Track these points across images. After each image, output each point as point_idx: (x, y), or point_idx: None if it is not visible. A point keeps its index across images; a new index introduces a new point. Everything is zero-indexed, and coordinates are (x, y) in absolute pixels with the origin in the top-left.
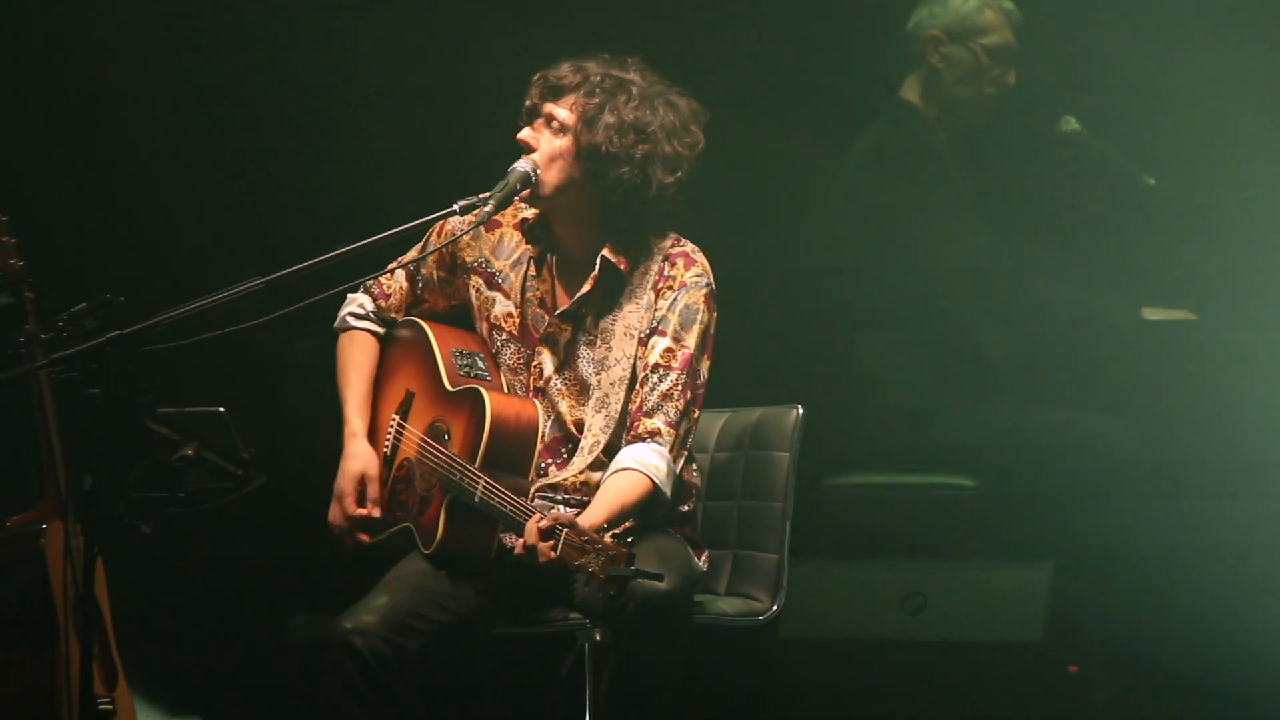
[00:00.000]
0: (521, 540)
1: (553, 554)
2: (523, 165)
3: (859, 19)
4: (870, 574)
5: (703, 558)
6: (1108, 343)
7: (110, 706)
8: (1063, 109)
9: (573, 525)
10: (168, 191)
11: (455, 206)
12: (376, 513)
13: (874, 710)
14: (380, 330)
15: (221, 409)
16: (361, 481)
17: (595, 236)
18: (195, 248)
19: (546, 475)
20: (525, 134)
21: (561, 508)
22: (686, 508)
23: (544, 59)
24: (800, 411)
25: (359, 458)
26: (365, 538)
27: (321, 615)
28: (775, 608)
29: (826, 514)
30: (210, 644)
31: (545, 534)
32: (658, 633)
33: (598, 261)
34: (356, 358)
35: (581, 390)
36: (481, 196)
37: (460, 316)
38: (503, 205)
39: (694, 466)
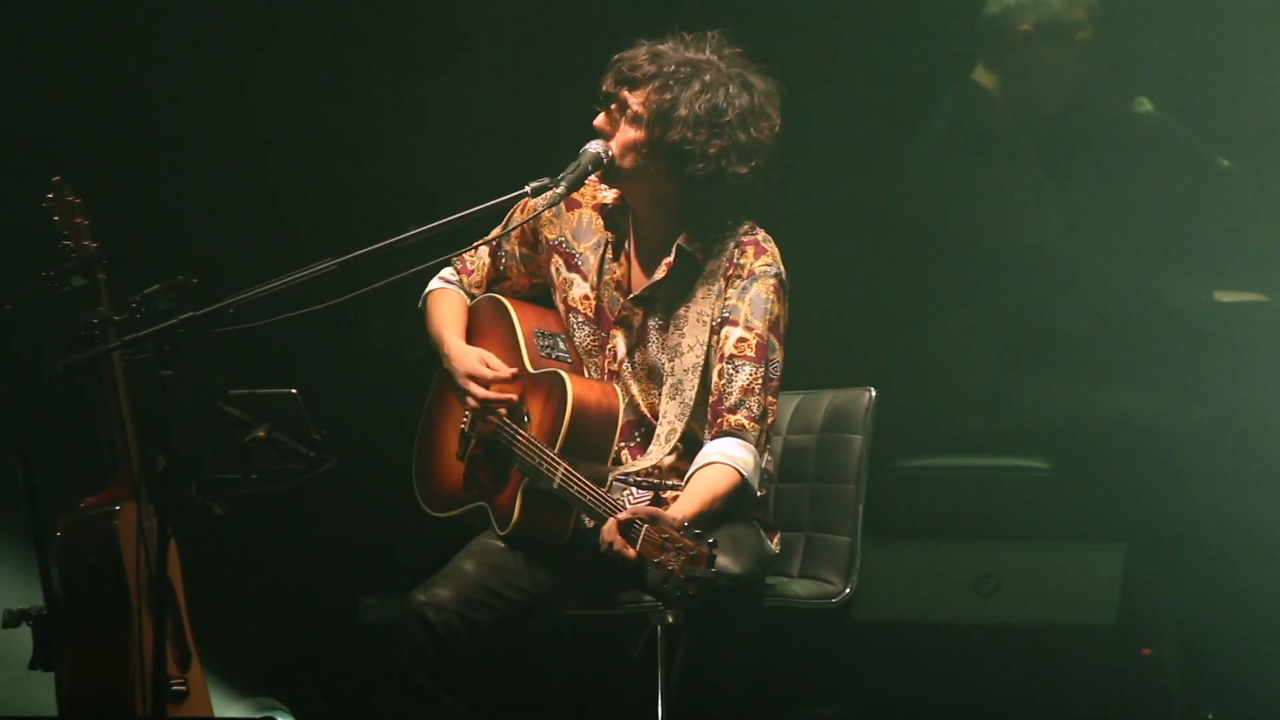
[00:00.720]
0: (601, 539)
1: (632, 551)
2: (594, 147)
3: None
4: (943, 556)
5: (775, 540)
6: (1180, 324)
7: (184, 687)
8: (1137, 90)
9: (652, 519)
10: (241, 173)
11: (527, 188)
12: (508, 372)
13: (947, 693)
14: (467, 297)
15: (293, 390)
16: (482, 359)
17: (672, 223)
18: (268, 229)
19: (620, 461)
20: (600, 120)
21: (634, 490)
22: (760, 492)
23: (615, 37)
24: (873, 394)
25: (470, 349)
26: (512, 396)
27: (393, 596)
28: (848, 590)
29: (899, 496)
30: (283, 625)
31: (624, 529)
32: (729, 616)
33: (674, 250)
34: (448, 307)
35: (650, 375)
36: (554, 179)
37: (542, 296)
38: (574, 187)
39: (768, 455)
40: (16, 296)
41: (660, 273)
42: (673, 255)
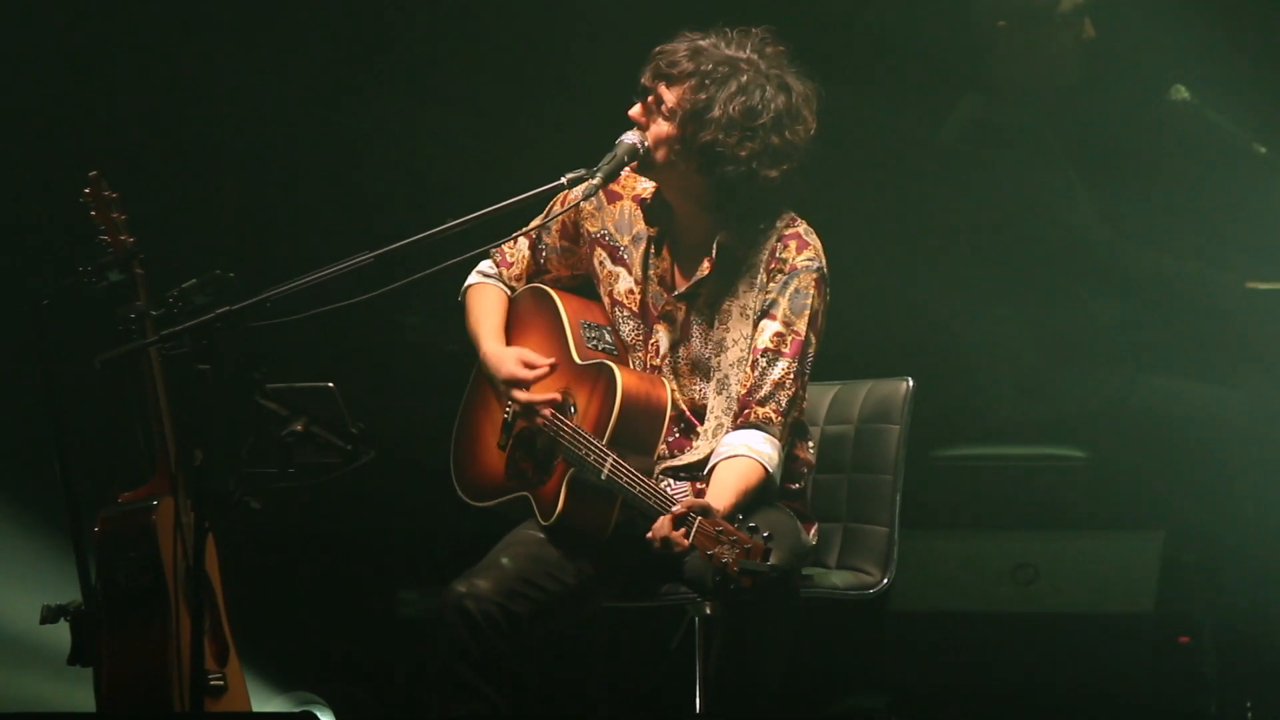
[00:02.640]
0: (654, 532)
1: (685, 542)
2: (630, 137)
3: None
4: (981, 546)
5: (812, 531)
6: (1217, 312)
7: (221, 682)
8: (1173, 78)
9: (705, 511)
10: (277, 167)
11: (563, 179)
12: (547, 367)
13: (986, 682)
14: (507, 291)
15: (330, 384)
16: (520, 358)
17: (708, 216)
18: (304, 223)
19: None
20: (635, 111)
21: (671, 481)
22: (797, 485)
23: (651, 29)
24: (910, 384)
25: (506, 352)
26: (556, 395)
27: (431, 590)
28: (886, 581)
29: (937, 486)
30: (321, 619)
31: (678, 522)
32: (767, 607)
33: (713, 247)
34: (488, 304)
35: (693, 369)
36: (590, 170)
37: (583, 287)
38: (610, 178)
39: (809, 444)
40: (54, 291)
41: (704, 269)
42: (714, 251)
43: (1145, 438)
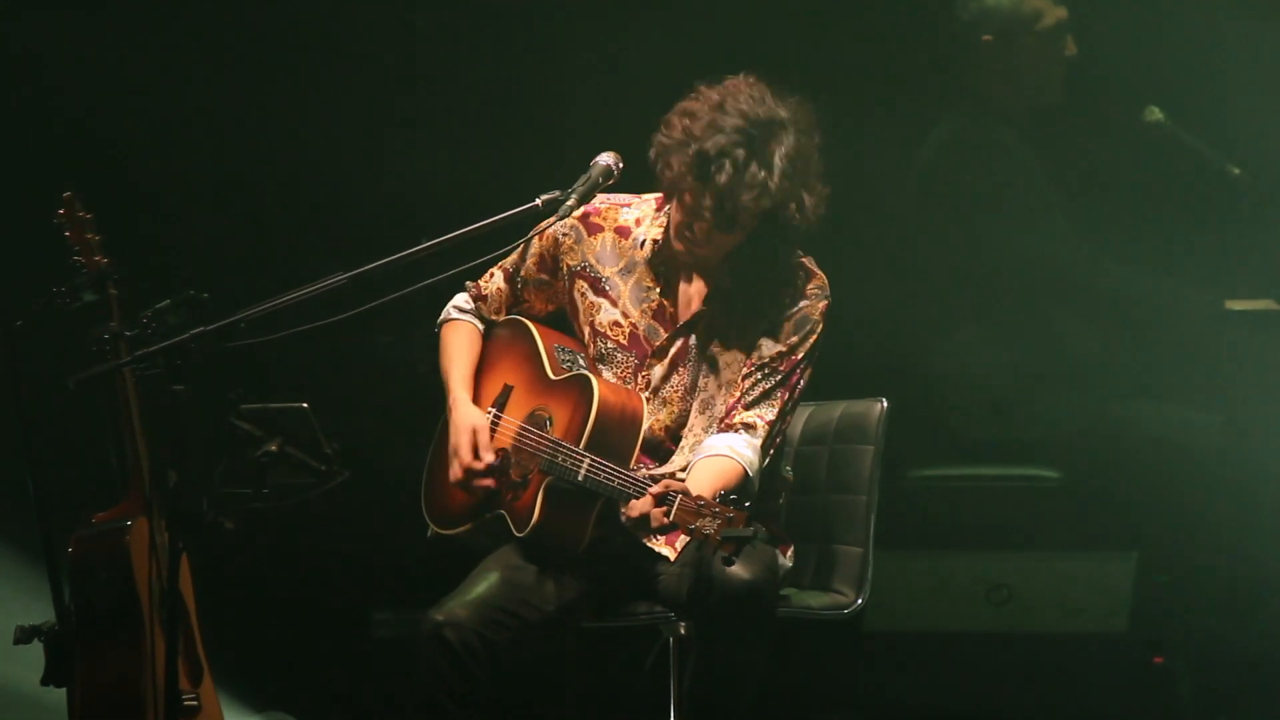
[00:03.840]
0: (630, 506)
1: (665, 519)
2: (604, 159)
3: (927, 12)
4: (955, 566)
5: (788, 553)
6: (1191, 333)
7: (195, 702)
8: (1146, 99)
9: (685, 492)
10: (251, 188)
11: (537, 201)
12: (490, 457)
13: (960, 703)
14: (481, 326)
15: (305, 405)
16: (473, 434)
17: (715, 251)
18: (278, 244)
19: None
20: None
21: (648, 468)
22: (774, 504)
23: (625, 43)
24: (885, 405)
25: (467, 415)
26: (489, 482)
27: (406, 611)
28: (860, 601)
29: (911, 507)
30: (295, 640)
31: (659, 500)
32: (740, 625)
33: (716, 276)
34: (460, 342)
35: (684, 396)
36: (564, 192)
37: (558, 320)
38: (585, 199)
39: (788, 467)
40: (28, 312)
41: (706, 299)
42: (717, 281)
43: (1119, 459)
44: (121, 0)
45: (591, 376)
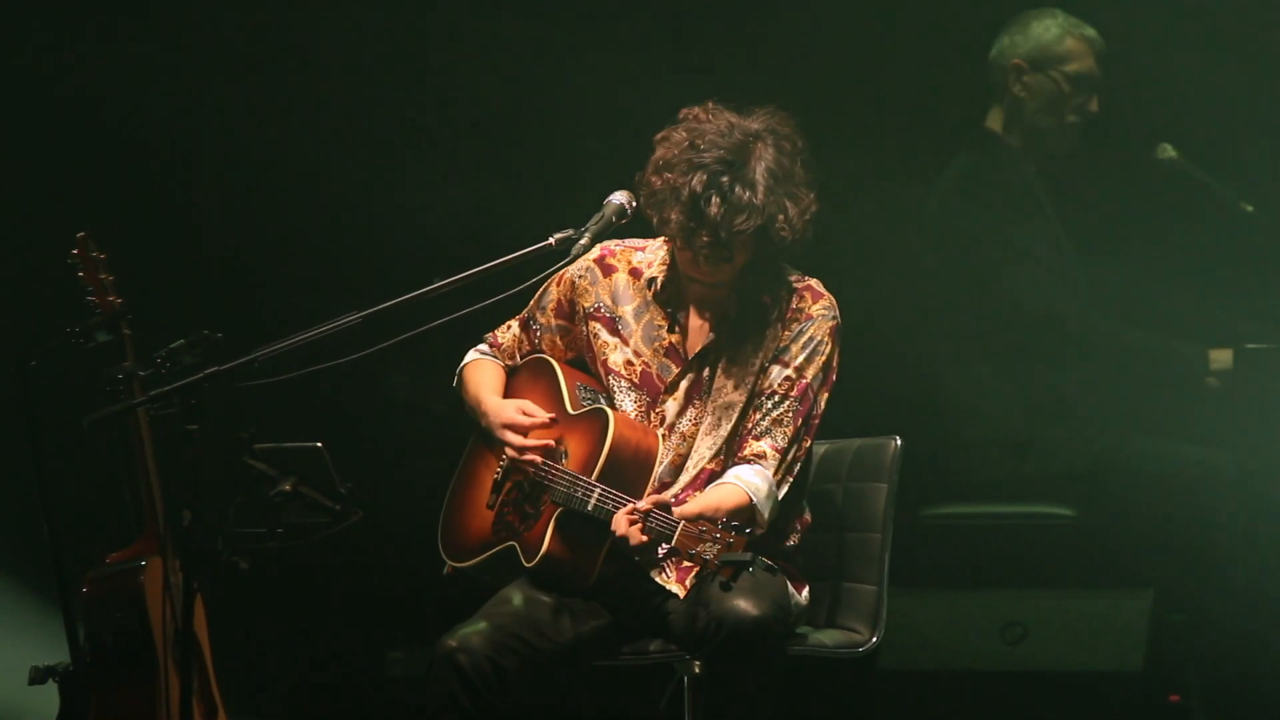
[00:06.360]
0: (616, 521)
1: (643, 537)
2: (618, 198)
3: (944, 50)
4: (970, 604)
5: (803, 592)
6: (1181, 384)
7: None
8: (1160, 136)
9: (665, 507)
10: (265, 228)
11: (551, 240)
12: (545, 417)
13: None
14: (503, 363)
15: (319, 444)
16: (519, 408)
17: (724, 283)
18: (292, 283)
19: None
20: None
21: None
22: (792, 542)
23: (630, 89)
24: (899, 443)
25: (507, 402)
26: (549, 442)
27: (420, 649)
28: (875, 639)
29: (925, 545)
30: (310, 679)
31: (644, 518)
32: (750, 661)
33: (726, 307)
34: (484, 371)
35: (697, 426)
36: (578, 230)
37: (578, 362)
38: (599, 238)
39: (806, 506)
40: (42, 352)
41: (715, 330)
42: (726, 312)
43: (1134, 497)
44: (138, 39)
45: (609, 410)
